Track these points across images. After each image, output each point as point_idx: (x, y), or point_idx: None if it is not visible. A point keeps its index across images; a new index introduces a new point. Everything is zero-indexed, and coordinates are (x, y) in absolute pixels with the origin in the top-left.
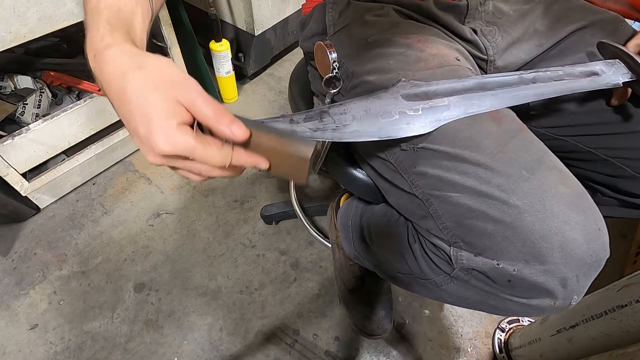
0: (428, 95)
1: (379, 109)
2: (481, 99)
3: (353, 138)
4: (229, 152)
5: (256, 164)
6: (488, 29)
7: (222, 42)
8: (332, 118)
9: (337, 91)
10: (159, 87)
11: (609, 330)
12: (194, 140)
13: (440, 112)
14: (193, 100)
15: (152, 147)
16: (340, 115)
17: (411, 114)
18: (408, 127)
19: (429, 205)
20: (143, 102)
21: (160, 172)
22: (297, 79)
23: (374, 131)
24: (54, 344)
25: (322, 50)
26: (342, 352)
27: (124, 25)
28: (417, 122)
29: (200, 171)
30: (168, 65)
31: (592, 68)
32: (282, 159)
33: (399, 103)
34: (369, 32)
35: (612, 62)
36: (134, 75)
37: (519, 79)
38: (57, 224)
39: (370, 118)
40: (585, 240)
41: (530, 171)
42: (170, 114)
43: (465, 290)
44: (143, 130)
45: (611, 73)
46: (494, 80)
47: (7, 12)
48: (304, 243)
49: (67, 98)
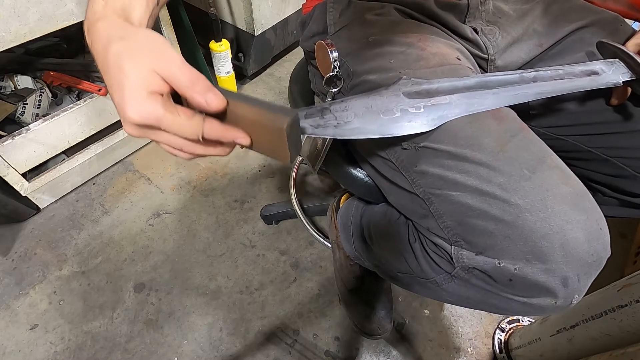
0: (430, 93)
1: (380, 106)
2: (483, 97)
3: (354, 135)
4: (199, 123)
5: (234, 138)
6: (488, 28)
7: (222, 42)
8: (333, 115)
9: (338, 90)
10: (135, 56)
11: (609, 330)
12: (162, 108)
13: (442, 110)
14: (168, 68)
15: (123, 116)
16: (341, 112)
17: (413, 112)
18: (409, 125)
19: (430, 204)
20: (118, 71)
21: (160, 172)
22: (298, 78)
23: (375, 128)
24: (54, 344)
25: (323, 50)
26: (342, 352)
27: (121, 2)
28: (419, 120)
29: (180, 146)
30: (150, 37)
31: (592, 67)
32: (262, 133)
33: (400, 100)
34: (370, 31)
35: (611, 62)
36: (115, 45)
37: (520, 78)
38: (57, 224)
39: (371, 115)
40: (586, 240)
41: (531, 170)
42: (142, 83)
43: (466, 290)
44: (117, 99)
45: (611, 72)
46: (495, 79)
47: (7, 12)
48: (304, 243)
49: (67, 98)
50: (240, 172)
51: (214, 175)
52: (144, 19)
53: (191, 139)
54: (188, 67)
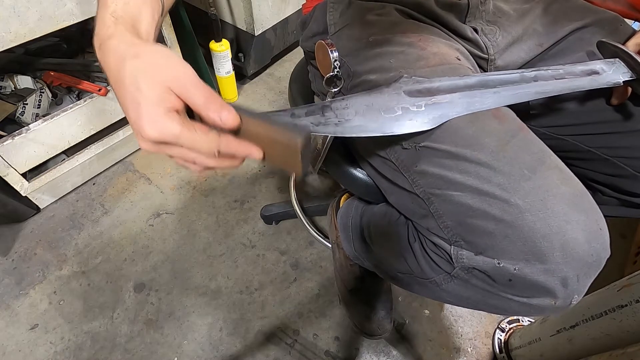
0: (431, 91)
1: (381, 104)
2: (483, 96)
3: (355, 133)
4: (215, 139)
5: (248, 153)
6: (489, 28)
7: (222, 42)
8: (334, 112)
9: (338, 90)
10: (151, 74)
11: (609, 330)
12: (179, 125)
13: (443, 108)
14: (183, 86)
15: (140, 133)
16: (342, 109)
17: (414, 110)
18: (411, 123)
19: (430, 204)
20: (134, 88)
21: (160, 172)
22: (298, 78)
23: (377, 126)
24: (54, 344)
25: (323, 49)
26: (342, 352)
27: (130, 18)
28: (419, 119)
29: (193, 159)
30: (163, 53)
31: (592, 67)
32: (275, 148)
33: (401, 99)
34: (370, 32)
35: (612, 62)
36: (129, 63)
37: (520, 77)
38: (57, 224)
39: (372, 113)
40: (586, 240)
41: (531, 170)
42: (158, 100)
43: (465, 290)
44: (133, 116)
45: (611, 72)
46: (496, 78)
47: (7, 12)
48: (304, 243)
49: (67, 98)
50: (240, 172)
51: (214, 175)
52: (151, 32)
53: (207, 153)
54: (202, 84)
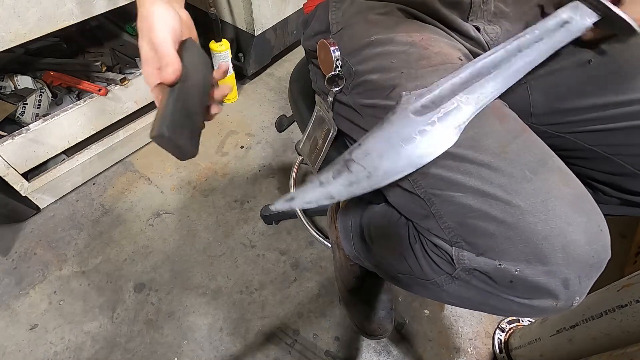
0: (435, 102)
1: (399, 137)
2: (483, 87)
3: (390, 178)
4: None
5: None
6: (490, 28)
7: (222, 42)
8: (359, 165)
9: (340, 89)
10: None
11: (609, 330)
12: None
13: (454, 115)
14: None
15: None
16: (365, 158)
17: (430, 130)
18: (434, 144)
19: (431, 205)
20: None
21: (160, 172)
22: (298, 78)
23: (407, 163)
24: (54, 344)
25: (325, 48)
26: (342, 352)
27: None
28: (438, 134)
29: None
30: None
31: (560, 17)
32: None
33: (413, 122)
34: (372, 31)
35: (574, 5)
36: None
37: (505, 52)
38: (57, 224)
39: (395, 150)
40: (587, 242)
41: (533, 172)
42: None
43: (466, 291)
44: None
45: (579, 17)
46: (485, 62)
47: (7, 12)
48: (304, 243)
49: (67, 98)
50: (240, 172)
51: (214, 175)
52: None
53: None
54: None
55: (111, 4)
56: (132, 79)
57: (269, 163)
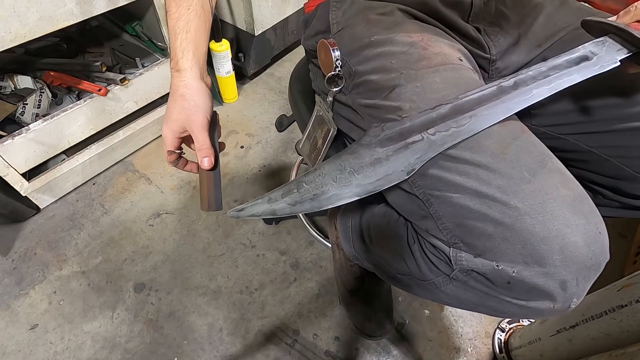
0: (402, 135)
1: (352, 165)
2: (459, 124)
3: (332, 204)
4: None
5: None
6: (491, 29)
7: (222, 42)
8: (308, 187)
9: (339, 89)
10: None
11: (609, 330)
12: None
13: (416, 151)
14: (192, 130)
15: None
16: (316, 180)
17: (384, 162)
18: (386, 178)
19: (429, 206)
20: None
21: (160, 172)
22: (298, 78)
23: (352, 190)
24: (54, 344)
25: (325, 48)
26: (342, 352)
27: (193, 45)
28: (391, 168)
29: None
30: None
31: (579, 53)
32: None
33: (371, 153)
34: (373, 31)
35: (601, 41)
36: (174, 98)
37: (498, 89)
38: (57, 224)
39: (346, 177)
40: (585, 244)
41: (531, 173)
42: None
43: (464, 292)
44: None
45: (604, 53)
46: (472, 98)
47: (7, 12)
48: (304, 243)
49: (67, 98)
50: (240, 172)
51: None
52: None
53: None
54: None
55: (111, 4)
56: (132, 79)
57: (269, 163)
